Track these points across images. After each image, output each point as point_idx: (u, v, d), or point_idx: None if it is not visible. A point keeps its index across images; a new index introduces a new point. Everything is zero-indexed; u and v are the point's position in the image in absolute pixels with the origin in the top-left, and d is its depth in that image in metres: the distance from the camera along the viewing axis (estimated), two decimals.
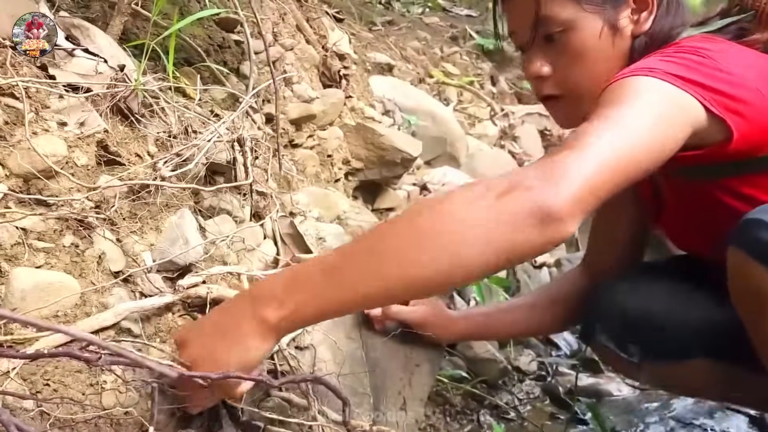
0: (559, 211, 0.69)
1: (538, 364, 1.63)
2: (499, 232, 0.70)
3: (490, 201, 0.71)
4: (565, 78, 1.03)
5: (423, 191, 2.21)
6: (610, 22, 1.01)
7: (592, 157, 0.74)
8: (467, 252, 0.71)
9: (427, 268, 0.72)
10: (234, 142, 1.19)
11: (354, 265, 0.76)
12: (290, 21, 2.03)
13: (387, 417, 1.13)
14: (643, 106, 0.83)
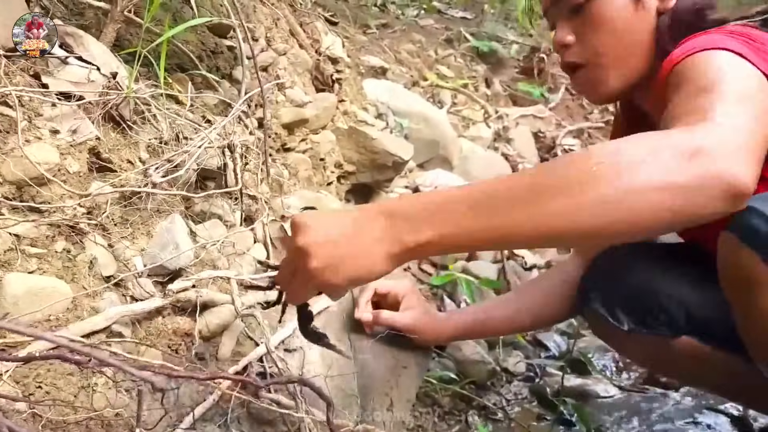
0: (747, 188, 0.68)
1: (526, 366, 1.65)
2: (685, 197, 0.67)
3: (678, 161, 0.67)
4: (588, 46, 1.05)
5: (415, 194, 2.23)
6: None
7: (749, 133, 0.72)
8: (643, 207, 0.68)
9: (594, 216, 0.68)
10: (224, 148, 1.21)
11: (511, 203, 0.70)
12: (283, 26, 2.05)
13: (374, 417, 1.16)
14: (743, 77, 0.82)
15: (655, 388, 1.59)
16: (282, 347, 1.15)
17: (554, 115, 3.74)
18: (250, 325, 1.12)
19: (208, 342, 1.06)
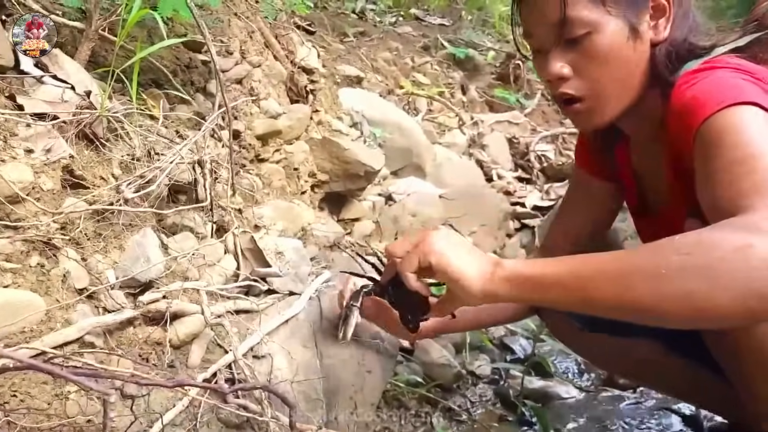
0: None
1: (492, 369, 1.72)
2: (761, 298, 0.72)
3: (761, 271, 0.72)
4: (587, 80, 1.04)
5: (388, 201, 2.29)
6: (632, 25, 1.02)
7: None
8: (721, 301, 0.73)
9: (675, 304, 0.75)
10: (195, 163, 1.26)
11: (601, 280, 0.79)
12: (258, 38, 2.10)
13: (339, 420, 1.21)
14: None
15: (614, 390, 1.66)
16: (251, 354, 1.20)
17: (529, 121, 3.82)
18: (220, 333, 1.17)
19: (179, 350, 1.11)
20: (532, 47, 1.09)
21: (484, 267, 0.86)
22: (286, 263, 1.38)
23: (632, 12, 1.02)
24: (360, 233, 2.12)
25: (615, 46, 1.01)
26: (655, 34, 1.05)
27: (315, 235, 1.82)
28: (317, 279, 1.40)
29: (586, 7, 1.00)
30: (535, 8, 1.05)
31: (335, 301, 1.34)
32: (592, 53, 1.01)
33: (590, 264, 0.82)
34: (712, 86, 0.95)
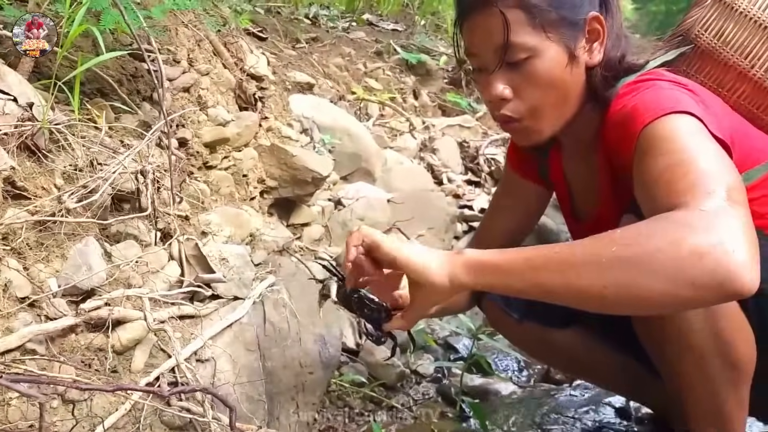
0: (748, 291, 0.77)
1: (435, 368, 1.78)
2: (694, 292, 0.78)
3: (693, 260, 0.77)
4: (527, 102, 1.08)
5: (338, 206, 2.34)
6: (569, 50, 1.07)
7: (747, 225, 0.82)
8: (654, 289, 0.79)
9: (613, 292, 0.81)
10: (138, 173, 1.29)
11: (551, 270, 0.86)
12: (207, 46, 2.13)
13: (280, 420, 1.26)
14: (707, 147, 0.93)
15: (550, 385, 1.74)
16: (194, 358, 1.24)
17: (480, 125, 3.90)
18: (163, 338, 1.20)
19: (122, 356, 1.15)
20: (474, 66, 1.14)
21: (444, 256, 0.92)
22: (231, 269, 1.42)
23: (570, 38, 1.08)
24: (309, 238, 2.17)
25: (553, 70, 1.07)
26: (590, 57, 1.11)
27: (264, 240, 1.86)
28: (261, 284, 1.44)
29: (527, 32, 1.05)
30: (478, 31, 1.09)
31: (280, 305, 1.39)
32: (532, 77, 1.07)
33: (542, 252, 0.88)
34: (652, 97, 1.02)
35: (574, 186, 1.33)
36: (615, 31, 1.14)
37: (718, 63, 1.30)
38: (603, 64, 1.12)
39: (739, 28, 1.30)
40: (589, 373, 1.50)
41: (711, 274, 0.77)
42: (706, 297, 0.79)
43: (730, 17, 1.31)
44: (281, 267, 1.67)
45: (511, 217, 1.45)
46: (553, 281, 0.85)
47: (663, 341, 1.07)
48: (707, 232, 0.79)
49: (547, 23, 1.05)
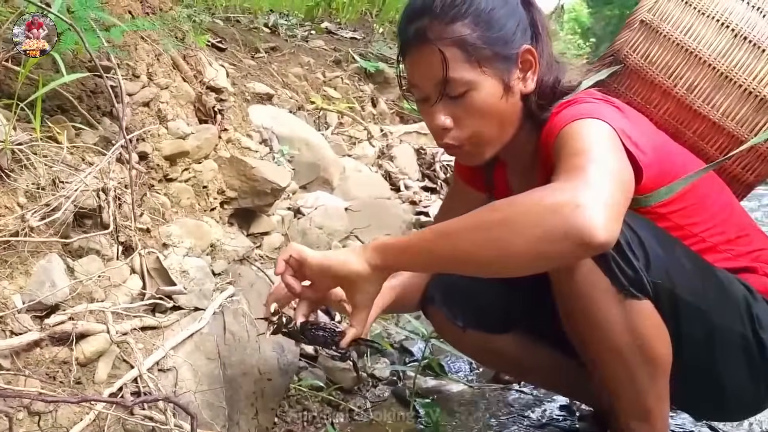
0: (602, 240, 0.88)
1: (390, 371, 1.86)
2: (551, 244, 0.90)
3: (549, 214, 0.90)
4: (467, 131, 1.18)
5: (297, 215, 2.40)
6: (504, 82, 1.16)
7: (610, 195, 0.93)
8: (519, 249, 0.92)
9: (488, 252, 0.95)
10: (100, 191, 1.34)
11: (438, 238, 1.00)
12: (166, 60, 2.17)
13: (240, 425, 1.32)
14: (606, 143, 1.04)
15: (500, 385, 1.83)
16: (157, 368, 1.29)
17: None
18: (126, 350, 1.25)
19: (85, 368, 1.19)
20: (417, 96, 1.23)
21: (359, 247, 1.08)
22: (191, 281, 1.47)
23: (504, 71, 1.17)
24: (269, 246, 2.22)
25: (490, 101, 1.17)
26: (524, 86, 1.21)
27: (224, 250, 1.91)
28: (221, 295, 1.50)
29: (464, 68, 1.14)
30: (419, 66, 1.18)
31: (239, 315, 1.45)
32: (471, 109, 1.16)
33: (437, 227, 1.04)
34: (575, 110, 1.13)
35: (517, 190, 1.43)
36: (546, 59, 1.24)
37: (645, 81, 1.42)
38: (537, 91, 1.22)
39: (664, 50, 1.43)
40: (531, 374, 1.60)
41: (562, 227, 0.88)
42: (562, 250, 0.91)
43: (655, 40, 1.44)
44: (241, 276, 1.73)
45: None
46: (444, 249, 0.99)
47: (588, 341, 1.17)
48: (565, 193, 0.91)
49: (483, 59, 1.15)
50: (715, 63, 1.39)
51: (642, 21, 1.43)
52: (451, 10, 1.14)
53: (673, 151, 1.27)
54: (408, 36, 1.17)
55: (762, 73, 1.37)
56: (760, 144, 1.36)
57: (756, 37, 1.39)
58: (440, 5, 1.14)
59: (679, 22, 1.42)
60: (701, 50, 1.40)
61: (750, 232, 1.31)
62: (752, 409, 1.31)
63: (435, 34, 1.14)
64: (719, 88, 1.39)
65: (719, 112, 1.39)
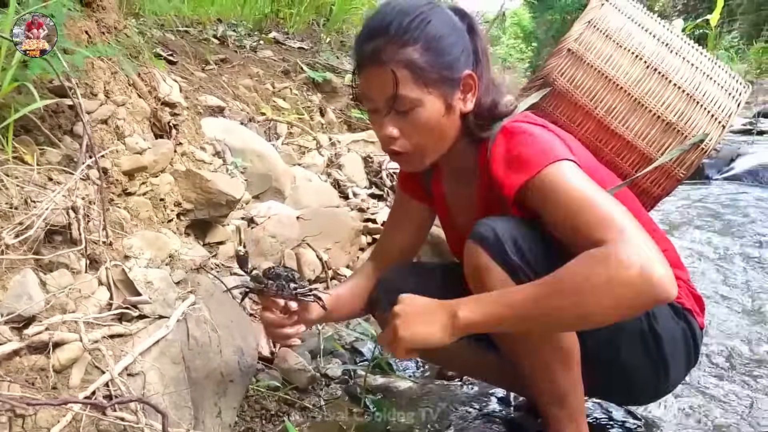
0: (669, 298, 1.07)
1: (342, 370, 1.99)
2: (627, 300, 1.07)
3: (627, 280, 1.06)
4: (411, 141, 1.35)
5: (251, 224, 2.51)
6: (447, 102, 1.33)
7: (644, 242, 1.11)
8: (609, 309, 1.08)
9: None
10: (69, 209, 1.43)
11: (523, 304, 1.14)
12: (122, 78, 2.25)
13: (206, 424, 1.43)
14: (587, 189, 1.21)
15: (443, 381, 1.98)
16: (126, 372, 1.40)
17: None
18: (97, 356, 1.35)
19: (60, 374, 1.29)
20: (369, 107, 1.39)
21: (444, 324, 1.19)
22: (155, 291, 1.57)
23: (447, 92, 1.34)
24: (225, 255, 2.33)
25: (433, 118, 1.34)
26: (464, 106, 1.39)
27: (182, 259, 2.01)
28: (183, 303, 1.60)
29: (412, 88, 1.30)
30: (373, 82, 1.33)
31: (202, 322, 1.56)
32: (416, 123, 1.33)
33: (516, 297, 1.16)
34: (532, 145, 1.29)
35: (451, 202, 1.61)
36: (485, 82, 1.41)
37: (570, 103, 1.61)
38: (475, 111, 1.39)
39: (587, 76, 1.62)
40: (473, 371, 1.77)
41: (642, 297, 1.06)
42: (645, 308, 1.12)
43: (580, 67, 1.62)
44: (199, 284, 1.83)
45: (403, 236, 1.71)
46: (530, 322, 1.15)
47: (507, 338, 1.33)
48: (628, 262, 1.07)
49: (429, 81, 1.30)
50: (630, 89, 1.59)
51: (569, 50, 1.63)
52: (404, 34, 1.29)
53: (594, 167, 1.45)
54: (364, 54, 1.32)
55: (668, 100, 1.59)
56: (665, 162, 1.55)
57: (664, 69, 1.61)
58: (395, 29, 1.29)
59: (600, 52, 1.62)
60: (619, 78, 1.60)
61: (655, 237, 1.50)
62: (656, 394, 1.50)
63: (388, 55, 1.28)
64: (633, 112, 1.60)
65: (632, 133, 1.59)
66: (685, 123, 1.58)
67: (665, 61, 1.61)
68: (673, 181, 1.61)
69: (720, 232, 3.54)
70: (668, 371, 1.40)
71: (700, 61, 1.65)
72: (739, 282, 2.78)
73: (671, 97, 1.59)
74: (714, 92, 1.61)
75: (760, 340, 2.20)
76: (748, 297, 2.61)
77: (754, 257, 3.08)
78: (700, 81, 1.61)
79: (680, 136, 1.58)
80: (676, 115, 1.58)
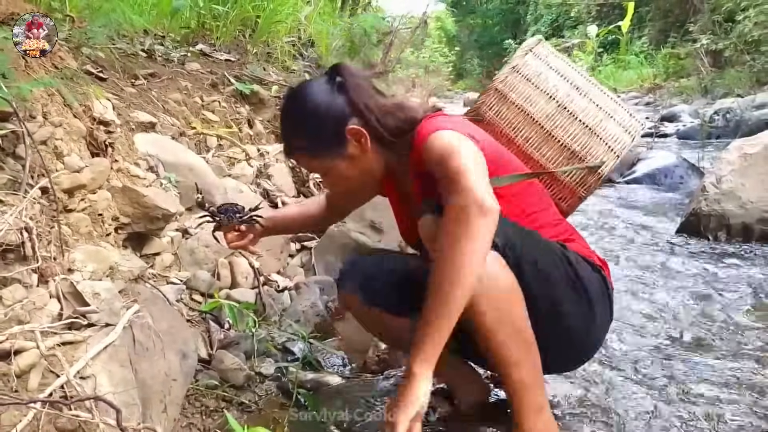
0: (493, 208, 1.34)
1: (275, 368, 2.18)
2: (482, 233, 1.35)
3: (465, 222, 1.34)
4: (344, 189, 1.83)
5: (185, 235, 2.66)
6: (345, 156, 1.65)
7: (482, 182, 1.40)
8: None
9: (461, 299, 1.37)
10: (23, 229, 1.57)
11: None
12: (58, 99, 2.36)
13: (153, 419, 1.60)
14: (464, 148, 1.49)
15: (368, 375, 2.20)
16: (78, 376, 1.54)
17: None
18: (52, 362, 1.50)
19: (20, 378, 1.43)
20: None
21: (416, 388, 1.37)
22: (102, 301, 1.72)
23: (339, 152, 1.66)
24: (161, 265, 2.47)
25: (341, 173, 1.71)
26: (363, 149, 1.68)
27: (121, 270, 2.15)
28: (128, 312, 1.76)
29: (312, 163, 1.74)
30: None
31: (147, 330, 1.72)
32: (334, 181, 1.77)
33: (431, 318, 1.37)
34: (434, 125, 1.60)
35: (402, 198, 1.89)
36: (379, 112, 1.67)
37: (496, 132, 1.92)
38: (378, 144, 1.69)
39: (509, 111, 1.94)
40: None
41: (473, 219, 1.35)
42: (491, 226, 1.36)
43: (504, 103, 1.96)
44: (139, 294, 1.98)
45: (353, 201, 2.13)
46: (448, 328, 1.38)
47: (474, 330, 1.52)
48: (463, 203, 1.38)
49: (318, 154, 1.69)
50: (543, 123, 1.94)
51: (496, 89, 1.98)
52: (289, 133, 1.74)
53: (504, 158, 1.72)
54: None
55: (574, 133, 1.94)
56: (565, 177, 1.88)
57: (573, 108, 1.96)
58: (283, 130, 1.78)
59: (521, 93, 1.97)
60: (535, 114, 1.95)
61: (564, 223, 1.80)
62: (585, 349, 1.73)
63: (288, 148, 1.77)
64: (545, 142, 1.94)
65: (544, 158, 1.94)
66: (587, 152, 1.91)
67: (574, 101, 1.96)
68: (576, 199, 1.94)
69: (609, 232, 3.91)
70: (595, 317, 1.61)
71: (605, 102, 1.98)
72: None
73: (577, 130, 1.93)
74: (612, 128, 1.95)
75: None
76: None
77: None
78: (602, 118, 1.95)
79: (582, 163, 1.91)
80: (580, 145, 1.92)
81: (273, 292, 2.60)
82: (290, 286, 2.68)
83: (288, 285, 2.68)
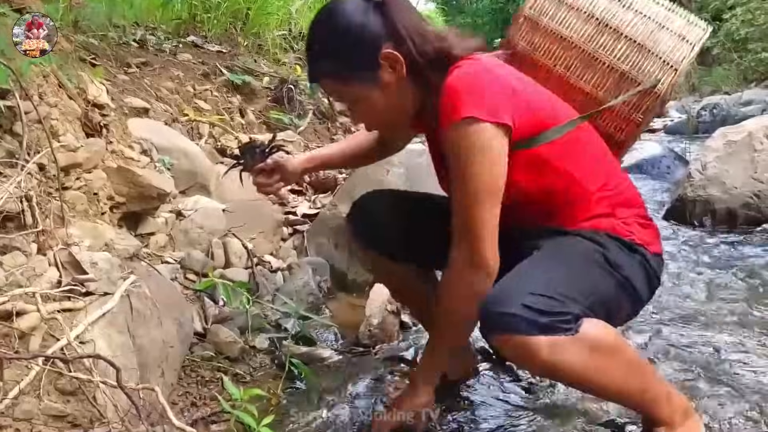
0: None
1: (269, 342, 2.22)
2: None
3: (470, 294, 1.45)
4: (374, 123, 1.61)
5: (179, 217, 2.70)
6: (375, 85, 1.46)
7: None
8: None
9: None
10: (23, 197, 1.60)
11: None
12: (53, 80, 2.39)
13: (150, 382, 1.63)
14: (483, 160, 1.40)
15: (359, 348, 2.25)
16: (78, 340, 1.58)
17: (302, 139, 4.38)
18: (52, 326, 1.54)
19: (21, 340, 1.47)
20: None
21: (420, 389, 1.66)
22: (100, 270, 1.76)
23: (371, 77, 1.46)
24: (155, 245, 2.51)
25: (372, 102, 1.50)
26: (398, 76, 1.47)
27: (116, 248, 2.19)
28: (126, 281, 1.80)
29: (339, 93, 1.56)
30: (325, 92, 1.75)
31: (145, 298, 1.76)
32: (364, 111, 1.56)
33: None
34: (465, 83, 1.42)
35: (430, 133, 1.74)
36: (417, 36, 1.47)
37: (532, 64, 1.76)
38: (415, 71, 1.48)
39: (544, 38, 1.77)
40: (408, 301, 2.12)
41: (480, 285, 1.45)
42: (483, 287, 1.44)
43: (537, 31, 1.78)
44: (135, 269, 2.02)
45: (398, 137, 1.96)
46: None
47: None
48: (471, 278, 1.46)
49: (348, 79, 1.50)
50: (584, 46, 1.73)
51: (525, 17, 1.78)
52: (316, 53, 1.51)
53: (548, 106, 1.56)
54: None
55: (620, 52, 1.72)
56: (620, 106, 1.71)
57: (615, 24, 1.73)
58: (310, 50, 1.53)
59: (554, 16, 1.76)
60: (573, 37, 1.73)
61: (617, 175, 1.65)
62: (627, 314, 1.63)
63: (315, 72, 1.54)
64: (589, 66, 1.73)
65: (590, 85, 1.73)
66: (638, 71, 1.70)
67: (617, 15, 1.73)
68: (633, 126, 1.73)
69: None
70: (642, 304, 1.59)
71: (654, 11, 1.75)
72: None
73: (623, 48, 1.71)
74: (666, 39, 1.72)
75: None
76: None
77: None
78: (652, 30, 1.72)
79: (634, 84, 1.70)
80: (629, 64, 1.70)
81: (266, 272, 2.64)
82: (283, 267, 2.72)
83: (281, 266, 2.72)
